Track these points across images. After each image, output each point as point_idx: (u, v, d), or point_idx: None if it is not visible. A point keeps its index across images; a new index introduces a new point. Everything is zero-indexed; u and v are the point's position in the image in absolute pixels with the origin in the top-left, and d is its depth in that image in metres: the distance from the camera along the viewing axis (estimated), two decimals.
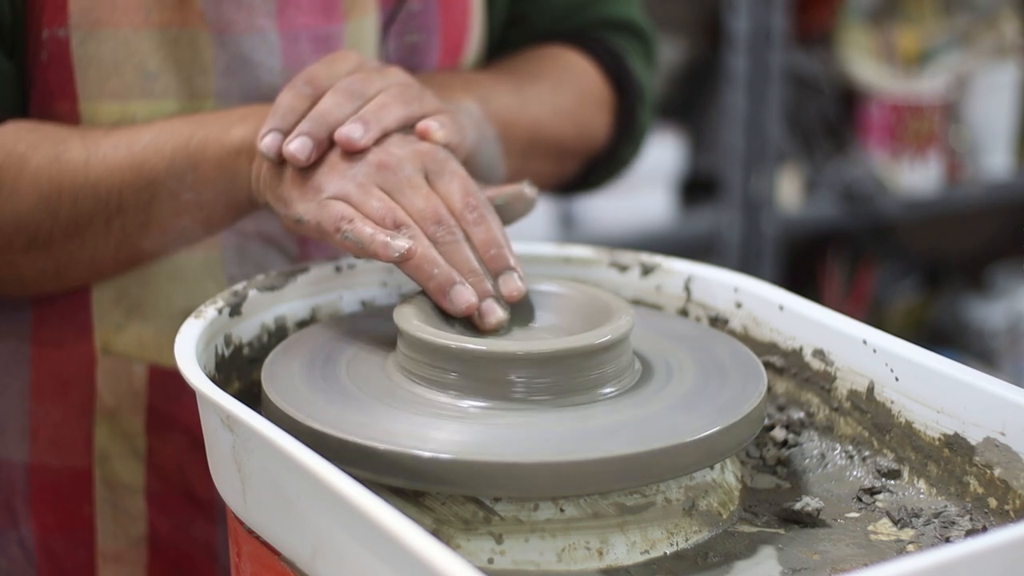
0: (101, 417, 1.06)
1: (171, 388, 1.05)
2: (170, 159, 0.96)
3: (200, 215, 0.98)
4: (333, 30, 1.05)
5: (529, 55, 1.19)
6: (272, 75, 1.03)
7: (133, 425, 1.06)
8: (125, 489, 1.07)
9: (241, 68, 1.02)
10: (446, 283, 0.87)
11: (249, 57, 1.02)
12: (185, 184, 0.96)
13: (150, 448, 1.06)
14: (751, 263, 2.46)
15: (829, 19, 2.69)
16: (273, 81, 1.03)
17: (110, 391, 1.05)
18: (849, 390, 0.88)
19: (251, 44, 1.02)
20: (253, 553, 0.78)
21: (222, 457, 0.78)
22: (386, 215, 0.88)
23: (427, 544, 0.62)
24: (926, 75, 2.66)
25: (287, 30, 1.03)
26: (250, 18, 1.02)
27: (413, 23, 1.10)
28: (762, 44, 2.38)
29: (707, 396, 0.83)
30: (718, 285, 0.97)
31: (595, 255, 1.02)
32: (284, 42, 1.03)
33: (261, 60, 1.02)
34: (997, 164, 2.72)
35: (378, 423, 0.78)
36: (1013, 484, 0.79)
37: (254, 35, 1.02)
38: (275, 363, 0.87)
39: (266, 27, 1.02)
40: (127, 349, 1.05)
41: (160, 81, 1.01)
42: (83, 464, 1.06)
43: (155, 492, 1.07)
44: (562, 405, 0.81)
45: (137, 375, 1.05)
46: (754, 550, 0.78)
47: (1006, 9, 2.75)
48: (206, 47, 1.01)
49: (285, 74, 1.03)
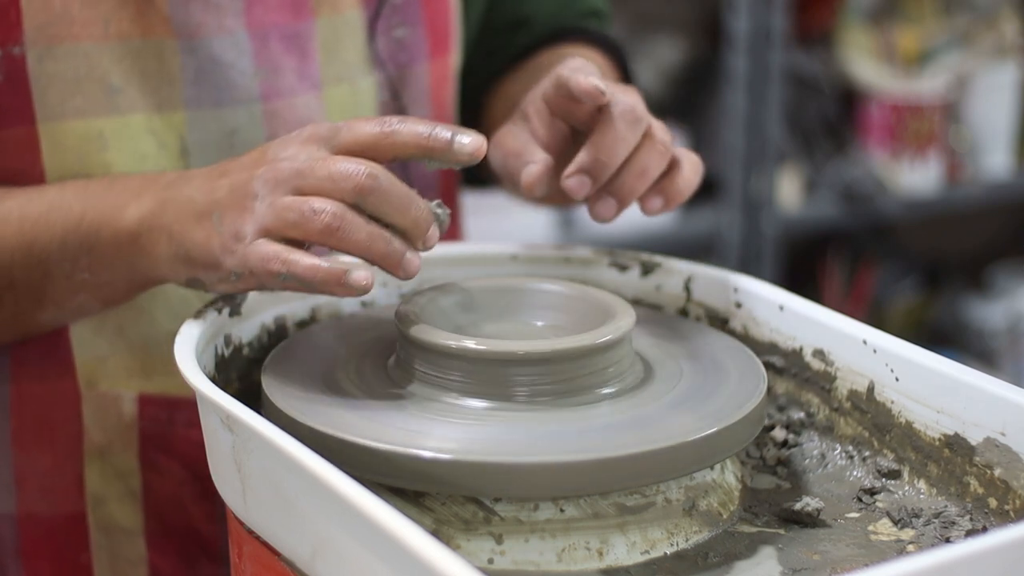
0: (91, 457, 1.01)
1: (163, 416, 1.01)
2: (61, 240, 0.91)
3: (98, 293, 0.93)
4: (302, 27, 1.02)
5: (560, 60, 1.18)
6: (245, 77, 0.99)
7: (126, 462, 1.01)
8: (123, 533, 1.02)
9: (212, 73, 0.98)
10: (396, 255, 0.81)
11: (220, 60, 0.98)
12: (80, 266, 0.91)
13: (145, 486, 1.02)
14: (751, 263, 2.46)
15: (829, 19, 2.69)
16: (246, 83, 0.99)
17: (99, 427, 1.01)
18: (849, 390, 0.88)
19: (221, 46, 0.98)
20: (253, 553, 0.78)
21: (222, 457, 0.78)
22: (302, 218, 0.80)
23: (427, 544, 0.62)
24: (926, 75, 2.66)
25: (256, 29, 1.00)
26: (219, 19, 0.98)
27: (397, 17, 1.07)
28: (762, 44, 2.38)
29: (707, 396, 0.83)
30: (718, 285, 0.97)
31: (595, 255, 1.02)
32: (254, 42, 1.00)
33: (232, 62, 0.99)
34: (997, 164, 2.72)
35: (378, 423, 0.78)
36: (1013, 484, 0.79)
37: (224, 37, 0.98)
38: (275, 363, 0.86)
39: (235, 27, 0.98)
40: (114, 380, 1.00)
41: (125, 95, 0.97)
42: (76, 509, 1.02)
43: (154, 533, 1.02)
44: (562, 405, 0.81)
45: (126, 407, 1.00)
46: (754, 550, 0.78)
47: (1006, 9, 2.75)
48: (172, 55, 0.97)
49: (258, 75, 1.00)
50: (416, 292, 0.90)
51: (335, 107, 1.04)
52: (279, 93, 1.01)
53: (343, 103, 1.05)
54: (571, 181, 0.91)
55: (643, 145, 0.91)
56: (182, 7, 0.97)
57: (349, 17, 1.04)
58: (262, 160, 0.83)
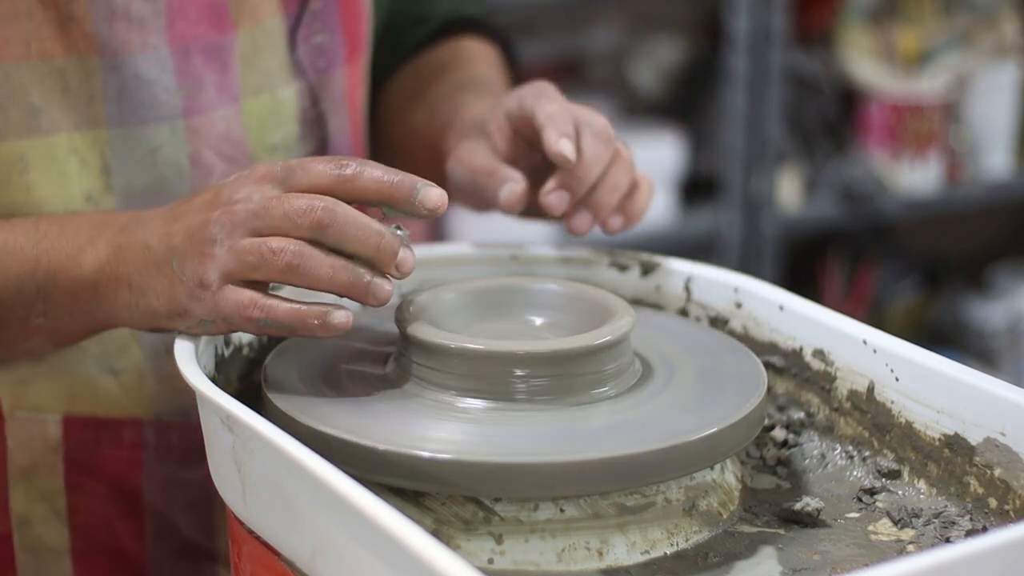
0: (15, 480, 1.00)
1: (89, 436, 1.00)
2: (16, 287, 0.90)
3: (53, 337, 0.93)
4: (224, 41, 1.00)
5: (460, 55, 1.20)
6: (167, 93, 0.98)
7: (51, 483, 1.01)
8: (49, 553, 1.02)
9: (134, 90, 0.97)
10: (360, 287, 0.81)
11: (143, 77, 0.97)
12: (35, 311, 0.90)
13: (71, 506, 1.01)
14: (751, 263, 2.46)
15: (829, 19, 2.69)
16: (168, 100, 0.98)
17: (23, 449, 1.00)
18: (849, 390, 0.88)
19: (144, 64, 0.97)
20: (253, 553, 0.78)
21: (222, 457, 0.78)
22: (263, 260, 0.80)
23: (427, 544, 0.62)
24: (926, 75, 2.66)
25: (178, 44, 0.98)
26: (142, 36, 0.96)
27: (317, 24, 1.06)
28: (762, 44, 2.38)
29: (707, 396, 0.83)
30: (718, 285, 0.97)
31: (595, 255, 1.02)
32: (176, 57, 0.98)
33: (155, 79, 0.97)
34: (997, 164, 2.72)
35: (378, 423, 0.78)
36: (1013, 484, 0.79)
37: (147, 54, 0.97)
38: (275, 363, 0.86)
39: (158, 44, 0.97)
40: (37, 403, 0.99)
41: (47, 115, 0.95)
42: (2, 530, 1.01)
43: (81, 552, 1.02)
44: (562, 405, 0.81)
45: (51, 428, 1.00)
46: (754, 550, 0.78)
47: (1006, 9, 2.75)
48: (95, 73, 0.96)
49: (180, 91, 0.98)
50: (416, 292, 0.90)
51: (254, 118, 1.03)
52: (200, 108, 1.00)
53: (262, 114, 1.04)
54: (551, 198, 0.96)
55: (614, 163, 0.96)
56: (106, 25, 0.95)
57: (269, 26, 1.03)
58: (216, 203, 0.83)
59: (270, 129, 1.04)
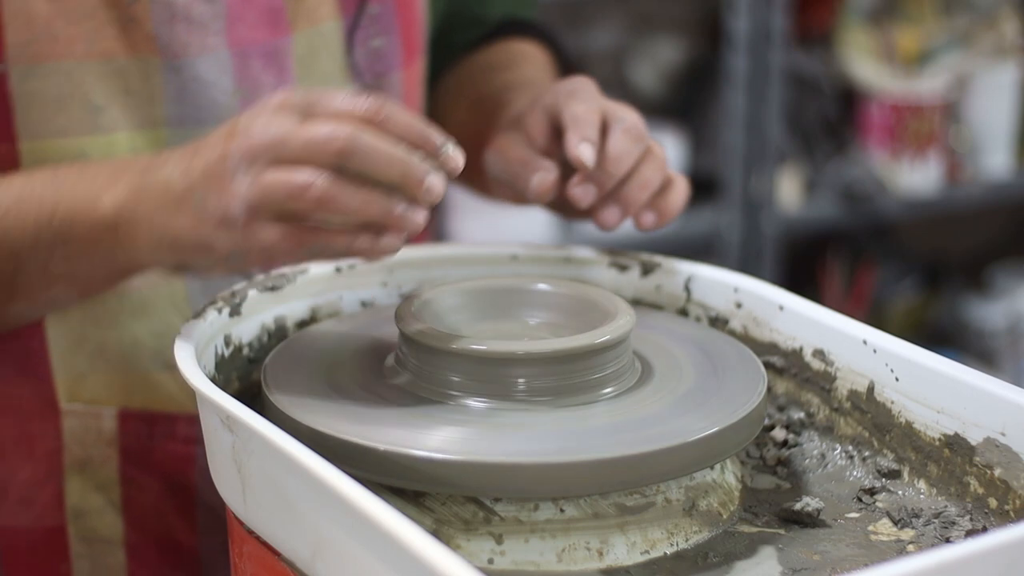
0: (71, 471, 1.01)
1: (144, 430, 1.01)
2: (34, 234, 0.89)
3: (75, 284, 0.93)
4: (280, 43, 1.02)
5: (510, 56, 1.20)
6: (225, 95, 0.99)
7: (106, 475, 1.02)
8: (103, 543, 1.02)
9: (194, 92, 0.98)
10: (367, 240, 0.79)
11: (202, 79, 0.98)
12: (55, 257, 0.90)
13: (125, 499, 1.02)
14: (751, 263, 2.46)
15: (829, 19, 2.69)
16: (226, 102, 0.99)
17: (78, 442, 1.01)
18: (849, 390, 0.88)
19: (204, 65, 0.98)
20: (253, 553, 0.78)
21: (222, 457, 0.78)
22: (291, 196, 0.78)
23: (427, 544, 0.62)
24: (926, 75, 2.66)
25: (237, 47, 0.99)
26: (202, 38, 0.98)
27: (375, 27, 1.07)
28: (762, 44, 2.38)
29: (707, 396, 0.83)
30: (718, 285, 0.97)
31: (595, 255, 1.02)
32: (235, 60, 0.99)
33: (213, 81, 0.98)
34: (997, 164, 2.72)
35: (378, 423, 0.78)
36: (1013, 484, 0.79)
37: (206, 56, 0.98)
38: (275, 364, 0.86)
39: (217, 46, 0.98)
40: (94, 396, 1.00)
41: (108, 114, 0.96)
42: (56, 522, 1.02)
43: (135, 544, 1.03)
44: (562, 405, 0.81)
45: (107, 422, 1.01)
46: (754, 550, 0.78)
47: (1006, 9, 2.75)
48: (155, 74, 0.97)
49: (238, 93, 0.99)
50: (416, 292, 0.90)
51: None
52: None
53: None
54: (578, 190, 0.95)
55: (644, 159, 0.96)
56: (167, 26, 0.96)
57: (326, 29, 1.04)
58: (233, 133, 0.80)
59: None
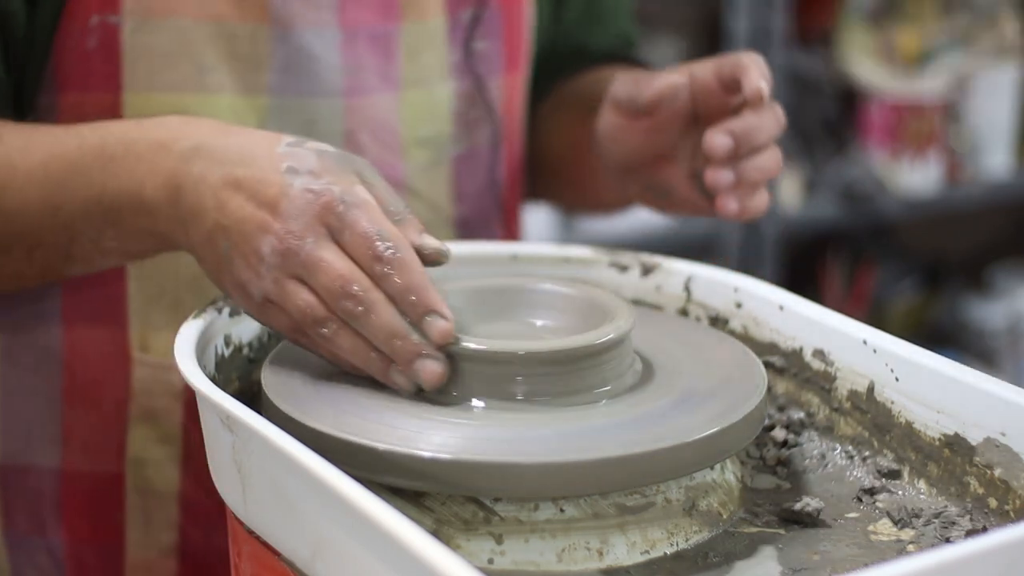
0: (135, 421, 1.04)
1: None
2: (84, 210, 0.90)
3: (126, 256, 0.95)
4: (390, 29, 1.04)
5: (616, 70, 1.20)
6: (331, 71, 1.02)
7: (170, 429, 1.04)
8: (158, 496, 1.05)
9: (300, 63, 1.01)
10: (379, 373, 0.82)
11: (309, 52, 1.01)
12: (106, 236, 0.91)
13: (186, 453, 1.04)
14: (751, 263, 2.45)
15: (829, 19, 2.69)
16: (331, 77, 1.02)
17: (147, 393, 1.03)
18: (849, 390, 0.88)
19: (312, 39, 1.01)
20: (253, 553, 0.78)
21: (222, 457, 0.78)
22: (306, 315, 0.82)
23: (427, 544, 0.62)
24: (926, 75, 2.66)
25: (348, 26, 1.02)
26: (315, 12, 1.01)
27: (480, 29, 1.10)
28: (762, 44, 2.38)
29: (707, 396, 0.82)
30: (718, 285, 0.97)
31: (595, 255, 1.02)
32: (344, 37, 1.02)
33: (319, 55, 1.01)
34: (997, 164, 2.72)
35: (378, 423, 0.78)
36: (1013, 484, 0.79)
37: (316, 29, 1.01)
38: (275, 363, 0.86)
39: (329, 22, 1.01)
40: (167, 348, 1.00)
41: (215, 75, 0.99)
42: (115, 470, 1.04)
43: (190, 499, 1.05)
44: (562, 405, 0.81)
45: (176, 375, 0.99)
46: (754, 550, 0.78)
47: (1006, 9, 2.75)
48: (264, 41, 1.00)
49: (343, 70, 1.02)
50: None
51: (410, 110, 1.07)
52: (361, 90, 1.04)
53: (418, 106, 1.07)
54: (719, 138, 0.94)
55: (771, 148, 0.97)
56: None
57: (433, 24, 1.07)
58: (276, 214, 0.82)
59: (424, 123, 1.07)
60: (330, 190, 0.81)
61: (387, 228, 0.81)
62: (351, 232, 0.81)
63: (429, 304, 0.81)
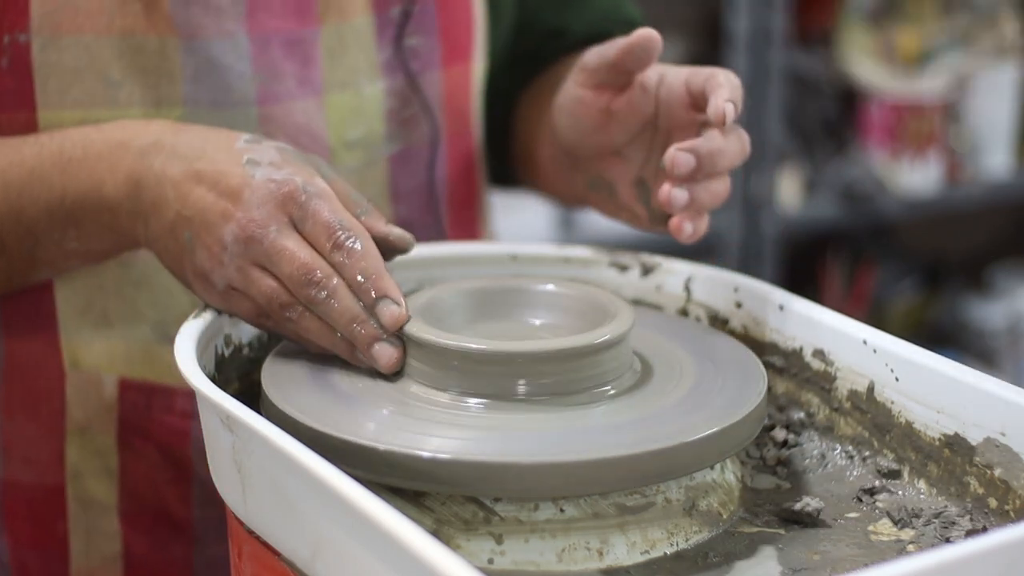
0: (72, 434, 1.03)
1: (142, 402, 1.02)
2: (47, 213, 0.93)
3: (90, 256, 0.97)
4: (307, 34, 1.02)
5: None
6: (243, 80, 1.00)
7: (104, 442, 1.03)
8: (99, 507, 1.04)
9: (210, 73, 0.99)
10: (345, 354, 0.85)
11: (218, 62, 0.99)
12: (68, 237, 0.94)
13: (122, 466, 1.04)
14: (751, 263, 2.46)
15: (829, 19, 2.69)
16: (243, 86, 1.00)
17: (80, 406, 1.03)
18: (849, 390, 0.88)
19: (220, 49, 0.99)
20: (253, 553, 0.78)
21: (222, 457, 0.78)
22: (272, 301, 0.85)
23: (427, 544, 0.62)
24: (926, 75, 2.66)
25: (258, 33, 1.00)
26: (219, 22, 0.99)
27: (412, 25, 1.07)
28: (762, 44, 2.38)
29: (707, 396, 0.83)
30: (718, 285, 0.97)
31: (595, 255, 1.02)
32: (254, 46, 1.00)
33: (230, 65, 1.00)
34: (997, 164, 2.72)
35: (378, 423, 0.78)
36: (1013, 484, 0.79)
37: (223, 39, 0.99)
38: (275, 363, 0.86)
39: (235, 31, 0.99)
40: (97, 362, 1.02)
41: (124, 89, 0.98)
42: (56, 481, 1.04)
43: (128, 511, 1.05)
44: (562, 405, 0.81)
45: (107, 389, 1.02)
46: (754, 550, 0.78)
47: (1006, 9, 2.75)
48: (173, 53, 0.98)
49: (256, 79, 1.01)
50: (416, 291, 0.90)
51: (336, 113, 1.05)
52: (276, 98, 1.02)
53: (344, 109, 1.05)
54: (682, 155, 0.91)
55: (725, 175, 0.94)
56: (183, 8, 0.98)
57: (358, 24, 1.05)
58: (238, 202, 0.85)
59: (352, 125, 1.06)
60: (292, 180, 0.85)
61: (347, 218, 0.85)
62: (313, 221, 0.84)
63: (382, 290, 0.84)
